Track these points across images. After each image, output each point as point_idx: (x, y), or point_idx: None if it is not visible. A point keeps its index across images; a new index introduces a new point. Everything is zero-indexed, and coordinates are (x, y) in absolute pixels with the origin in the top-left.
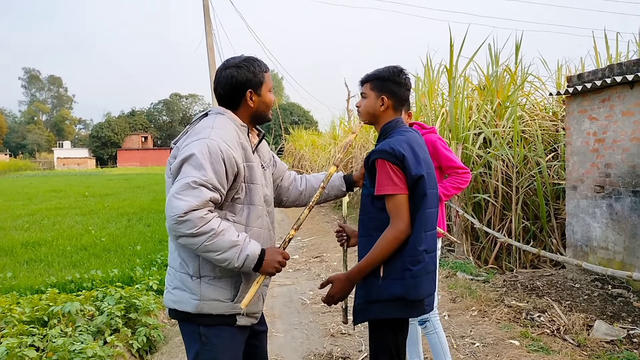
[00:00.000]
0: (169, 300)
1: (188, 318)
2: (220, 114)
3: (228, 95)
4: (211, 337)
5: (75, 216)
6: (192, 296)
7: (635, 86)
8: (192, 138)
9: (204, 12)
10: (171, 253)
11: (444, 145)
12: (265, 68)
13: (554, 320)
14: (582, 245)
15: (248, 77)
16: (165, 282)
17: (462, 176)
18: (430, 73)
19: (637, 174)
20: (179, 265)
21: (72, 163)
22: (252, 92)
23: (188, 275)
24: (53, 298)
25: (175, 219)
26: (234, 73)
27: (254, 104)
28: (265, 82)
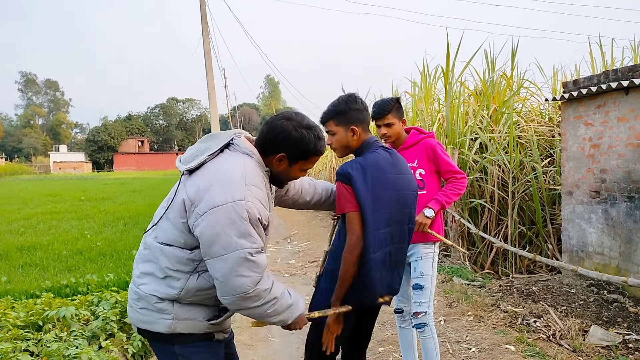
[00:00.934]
0: (136, 320)
1: (160, 338)
2: (249, 156)
3: (264, 143)
4: (189, 355)
5: (71, 220)
6: (164, 316)
7: (631, 92)
8: (223, 193)
9: (201, 16)
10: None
11: (443, 149)
12: (320, 150)
13: (550, 326)
14: (578, 250)
15: (296, 144)
16: (130, 299)
17: (460, 181)
18: (426, 78)
19: (633, 179)
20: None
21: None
22: (285, 158)
23: (159, 298)
24: (48, 302)
25: (241, 297)
26: (288, 129)
27: (278, 169)
28: (307, 160)
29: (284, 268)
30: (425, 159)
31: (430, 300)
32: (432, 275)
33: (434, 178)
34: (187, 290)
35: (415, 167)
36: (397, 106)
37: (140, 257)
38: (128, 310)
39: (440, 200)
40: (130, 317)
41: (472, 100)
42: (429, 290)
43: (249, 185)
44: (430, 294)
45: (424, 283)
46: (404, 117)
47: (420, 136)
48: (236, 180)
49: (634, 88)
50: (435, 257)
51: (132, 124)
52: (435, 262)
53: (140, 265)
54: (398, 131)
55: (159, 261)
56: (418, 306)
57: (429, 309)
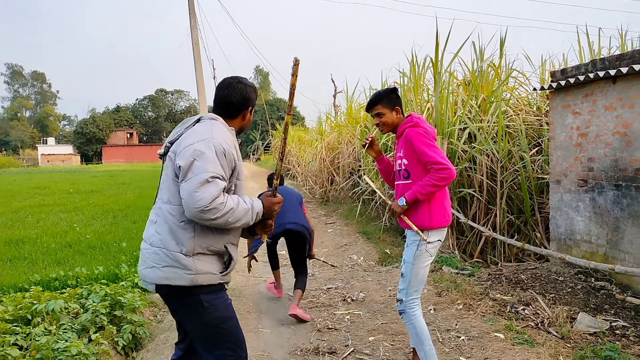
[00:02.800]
0: (158, 277)
1: (182, 292)
2: (214, 120)
3: (238, 105)
4: (212, 300)
5: (59, 213)
6: (187, 271)
7: (618, 81)
8: (195, 138)
9: (189, 6)
10: (161, 235)
11: (423, 139)
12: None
13: (538, 313)
14: (566, 238)
15: (252, 97)
16: (150, 261)
17: (439, 173)
18: (415, 69)
19: (620, 168)
20: (173, 245)
21: (57, 160)
22: (251, 109)
23: (182, 254)
24: (37, 296)
25: (201, 210)
26: (248, 90)
27: (246, 120)
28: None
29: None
30: (407, 149)
31: (409, 288)
32: (413, 263)
33: (420, 167)
34: (198, 237)
35: (401, 157)
36: (389, 97)
37: (156, 225)
38: (147, 272)
39: (414, 191)
40: (148, 277)
41: (460, 90)
42: (407, 277)
43: (215, 131)
44: (408, 282)
45: (403, 270)
46: (397, 106)
47: (404, 126)
48: (206, 129)
49: (621, 77)
50: (422, 246)
51: (121, 115)
52: (420, 250)
53: (160, 228)
54: (391, 120)
55: (167, 220)
56: (398, 292)
57: (406, 297)
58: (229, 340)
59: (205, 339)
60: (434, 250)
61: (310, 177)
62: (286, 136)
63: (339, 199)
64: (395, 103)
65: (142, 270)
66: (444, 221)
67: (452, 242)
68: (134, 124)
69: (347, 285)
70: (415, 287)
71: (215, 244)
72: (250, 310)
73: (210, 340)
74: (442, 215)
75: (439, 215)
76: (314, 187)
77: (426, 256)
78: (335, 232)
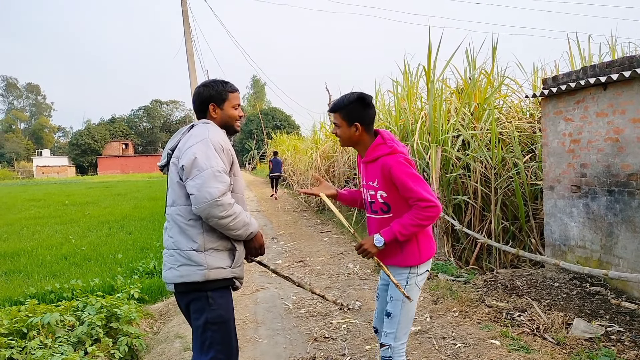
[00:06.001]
0: (175, 277)
1: (197, 287)
2: (206, 123)
3: (196, 108)
4: (217, 298)
5: (55, 225)
6: (199, 267)
7: (609, 88)
8: (193, 141)
9: (183, 17)
10: (173, 237)
11: (405, 170)
12: (231, 89)
13: (534, 319)
14: (560, 244)
15: (211, 93)
16: (168, 264)
17: (426, 211)
18: (408, 77)
19: (612, 173)
20: (185, 244)
21: (52, 171)
22: (214, 106)
23: (194, 251)
24: (32, 309)
25: (210, 204)
26: (200, 90)
27: (217, 116)
28: (229, 99)
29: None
30: (383, 179)
31: (399, 330)
32: (404, 302)
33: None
34: (206, 233)
35: (376, 188)
36: (352, 108)
37: (169, 227)
38: (166, 274)
39: (394, 231)
40: (168, 279)
41: (453, 98)
42: (397, 318)
43: (210, 132)
44: (398, 324)
45: (391, 309)
46: (357, 122)
47: (378, 152)
48: (202, 131)
49: (611, 83)
50: (412, 279)
51: (116, 126)
52: (410, 285)
53: (171, 232)
54: (347, 136)
55: (177, 221)
56: (384, 336)
57: (395, 342)
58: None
59: (202, 335)
60: (422, 282)
61: (306, 186)
62: None
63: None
64: (357, 118)
65: (164, 273)
66: (432, 250)
67: (448, 250)
68: (129, 135)
69: (344, 294)
70: (405, 328)
71: (223, 237)
72: (247, 320)
73: (208, 336)
74: (430, 246)
75: (427, 247)
76: (309, 196)
77: (416, 290)
78: (331, 241)
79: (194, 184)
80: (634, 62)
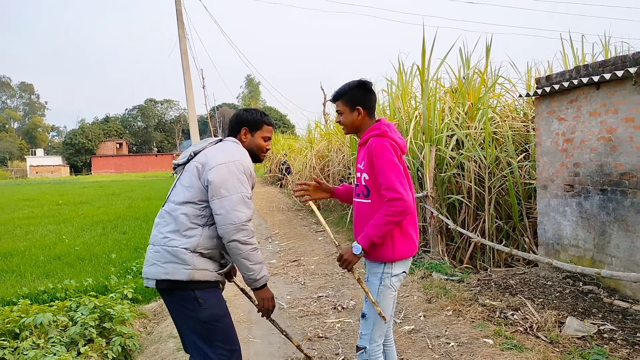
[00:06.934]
0: (158, 273)
1: (179, 286)
2: (237, 143)
3: (230, 127)
4: (207, 298)
5: (48, 225)
6: (186, 266)
7: (602, 87)
8: (226, 158)
9: (177, 16)
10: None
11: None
12: (267, 121)
13: (527, 318)
14: (554, 243)
15: (248, 118)
16: (152, 259)
17: (392, 204)
18: (403, 77)
19: (605, 172)
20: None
21: (46, 171)
22: (247, 130)
23: (185, 249)
24: (25, 309)
25: (237, 227)
26: (240, 112)
27: (246, 141)
28: (262, 129)
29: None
30: (369, 161)
31: (373, 332)
32: (379, 302)
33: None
34: (203, 237)
35: (362, 170)
36: (353, 93)
37: (162, 223)
38: (149, 269)
39: (368, 234)
40: (150, 274)
41: (447, 97)
42: (371, 319)
43: (242, 152)
44: (372, 324)
45: (367, 310)
46: (359, 106)
47: (369, 133)
48: (234, 150)
49: (604, 83)
50: (387, 279)
51: (110, 126)
52: (384, 285)
53: (163, 229)
54: (350, 121)
55: (178, 219)
56: (359, 338)
57: (370, 344)
58: (222, 337)
59: (199, 335)
60: (398, 284)
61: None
62: None
63: (329, 207)
64: (359, 102)
65: (145, 268)
66: (410, 250)
67: (442, 249)
68: (124, 134)
69: (338, 294)
70: (380, 330)
71: (216, 247)
72: (241, 319)
73: (204, 336)
74: (407, 244)
75: (403, 245)
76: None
77: (391, 291)
78: (325, 240)
79: (222, 205)
80: (626, 62)
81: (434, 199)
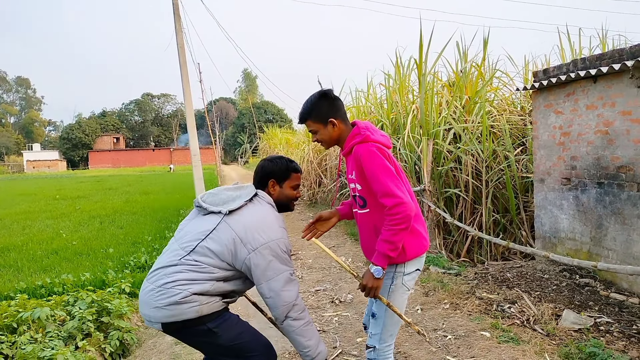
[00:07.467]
0: (164, 317)
1: (189, 324)
2: (271, 206)
3: (257, 179)
4: (220, 325)
5: (45, 220)
6: (191, 305)
7: (599, 80)
8: (267, 234)
9: (174, 9)
10: (171, 277)
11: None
12: (295, 169)
13: (524, 311)
14: (551, 236)
15: (274, 169)
16: (153, 301)
17: (393, 210)
18: (400, 70)
19: (602, 166)
20: (185, 285)
21: (43, 166)
22: (274, 182)
23: (189, 292)
24: (22, 304)
25: (289, 306)
26: (265, 164)
27: (275, 193)
28: (290, 179)
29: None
30: (359, 171)
31: (384, 332)
32: (392, 301)
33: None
34: (214, 288)
35: (354, 180)
36: (318, 108)
37: (169, 268)
38: (151, 312)
39: (382, 252)
40: (153, 318)
41: (445, 91)
42: (381, 319)
43: (281, 228)
44: (383, 324)
45: (377, 310)
46: (331, 118)
47: (353, 142)
48: (274, 225)
49: (601, 76)
50: (398, 278)
51: (107, 120)
52: (396, 285)
53: (168, 272)
54: (328, 136)
55: (196, 269)
56: (369, 337)
57: (380, 344)
58: (253, 346)
59: (231, 356)
60: (411, 282)
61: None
62: None
63: (327, 201)
64: (329, 114)
65: (145, 311)
66: (421, 247)
67: (439, 242)
68: (121, 129)
69: (335, 287)
70: (391, 330)
71: (224, 291)
72: (238, 313)
73: (236, 354)
74: (417, 242)
75: (414, 244)
76: (301, 190)
77: (403, 290)
78: (323, 234)
79: (270, 288)
80: (623, 55)
81: (432, 192)
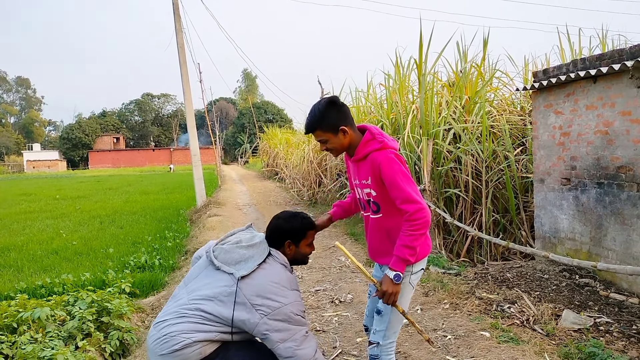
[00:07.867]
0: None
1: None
2: (284, 267)
3: (272, 237)
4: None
5: (45, 220)
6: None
7: (599, 81)
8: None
9: (174, 10)
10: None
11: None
12: (310, 226)
13: (524, 311)
14: (550, 236)
15: (289, 230)
16: (156, 349)
17: (415, 216)
18: (400, 70)
19: (602, 166)
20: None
21: (43, 166)
22: (290, 243)
23: (192, 341)
24: (22, 304)
25: None
26: (281, 223)
27: (291, 252)
28: (306, 237)
29: None
30: (374, 177)
31: (388, 329)
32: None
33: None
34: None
35: (369, 186)
36: (327, 117)
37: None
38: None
39: (402, 257)
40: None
41: (445, 91)
42: (387, 316)
43: (294, 290)
44: (388, 321)
45: (383, 307)
46: (342, 126)
47: (369, 148)
48: (286, 288)
49: (601, 76)
50: (405, 277)
51: (107, 120)
52: (404, 284)
53: (178, 324)
54: (339, 144)
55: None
56: (373, 334)
57: (384, 340)
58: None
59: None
60: (417, 281)
61: (298, 180)
62: None
63: (327, 201)
64: (339, 122)
65: (153, 359)
66: (429, 248)
67: (439, 242)
68: (121, 129)
69: (335, 287)
70: (395, 327)
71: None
72: None
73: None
74: (426, 243)
75: (424, 244)
76: (301, 190)
77: (409, 289)
78: (323, 234)
79: (288, 346)
80: (623, 55)
81: (431, 192)
